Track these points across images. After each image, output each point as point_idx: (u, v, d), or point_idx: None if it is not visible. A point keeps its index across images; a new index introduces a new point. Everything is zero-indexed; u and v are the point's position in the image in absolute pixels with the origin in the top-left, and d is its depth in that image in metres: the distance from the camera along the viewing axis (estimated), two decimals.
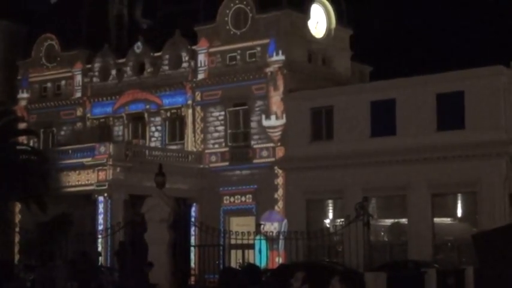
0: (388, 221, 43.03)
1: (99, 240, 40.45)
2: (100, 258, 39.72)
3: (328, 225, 43.24)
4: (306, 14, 48.01)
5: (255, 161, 46.66)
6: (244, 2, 47.95)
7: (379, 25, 61.41)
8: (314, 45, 48.48)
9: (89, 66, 53.33)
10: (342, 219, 38.26)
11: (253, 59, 47.30)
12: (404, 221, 42.13)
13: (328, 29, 49.54)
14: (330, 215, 44.65)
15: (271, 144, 46.21)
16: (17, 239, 47.86)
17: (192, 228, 43.82)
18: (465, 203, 41.31)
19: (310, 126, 45.23)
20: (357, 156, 42.58)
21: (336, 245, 42.41)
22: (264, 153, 46.41)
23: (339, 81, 47.44)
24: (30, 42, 55.55)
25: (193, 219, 45.35)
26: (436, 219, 41.31)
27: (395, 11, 62.45)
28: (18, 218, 49.48)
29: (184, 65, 49.68)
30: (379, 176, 41.67)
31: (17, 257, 45.61)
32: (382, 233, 43.05)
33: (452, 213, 41.80)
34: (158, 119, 50.52)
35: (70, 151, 46.06)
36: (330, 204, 44.88)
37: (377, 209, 42.34)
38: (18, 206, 48.89)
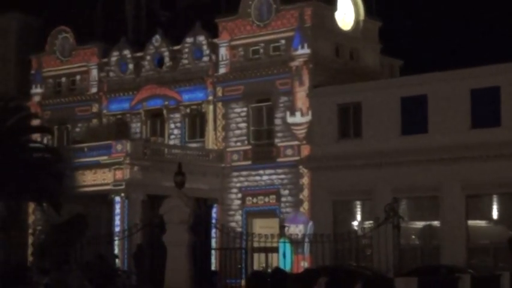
0: (420, 224, 42.91)
1: (116, 242, 40.66)
2: (117, 261, 39.96)
3: (356, 228, 43.19)
4: (332, 5, 47.94)
5: (279, 159, 46.66)
6: None
7: (409, 16, 61.21)
8: (341, 38, 48.40)
9: (105, 60, 53.53)
10: (371, 222, 38.24)
11: (277, 53, 47.31)
12: (436, 223, 42.00)
13: (356, 21, 49.43)
14: (358, 217, 44.58)
15: (296, 142, 46.20)
16: (30, 240, 48.25)
17: (213, 231, 44.03)
18: (501, 204, 41.09)
19: (337, 124, 45.18)
20: (387, 155, 42.50)
21: (364, 248, 42.34)
22: (289, 151, 46.40)
23: (367, 76, 47.32)
24: (44, 35, 55.81)
25: (214, 221, 45.53)
26: (471, 222, 41.14)
27: (427, 2, 62.21)
28: (31, 218, 49.94)
29: (205, 58, 49.77)
30: (410, 176, 41.56)
31: (30, 260, 45.92)
32: (413, 236, 42.95)
33: (487, 216, 41.59)
34: (177, 115, 50.64)
35: (85, 149, 46.26)
36: (358, 206, 44.83)
37: (408, 210, 42.20)
38: (31, 207, 49.30)
